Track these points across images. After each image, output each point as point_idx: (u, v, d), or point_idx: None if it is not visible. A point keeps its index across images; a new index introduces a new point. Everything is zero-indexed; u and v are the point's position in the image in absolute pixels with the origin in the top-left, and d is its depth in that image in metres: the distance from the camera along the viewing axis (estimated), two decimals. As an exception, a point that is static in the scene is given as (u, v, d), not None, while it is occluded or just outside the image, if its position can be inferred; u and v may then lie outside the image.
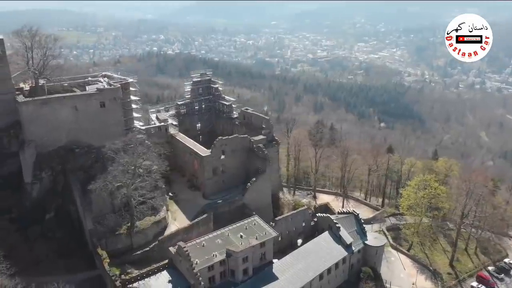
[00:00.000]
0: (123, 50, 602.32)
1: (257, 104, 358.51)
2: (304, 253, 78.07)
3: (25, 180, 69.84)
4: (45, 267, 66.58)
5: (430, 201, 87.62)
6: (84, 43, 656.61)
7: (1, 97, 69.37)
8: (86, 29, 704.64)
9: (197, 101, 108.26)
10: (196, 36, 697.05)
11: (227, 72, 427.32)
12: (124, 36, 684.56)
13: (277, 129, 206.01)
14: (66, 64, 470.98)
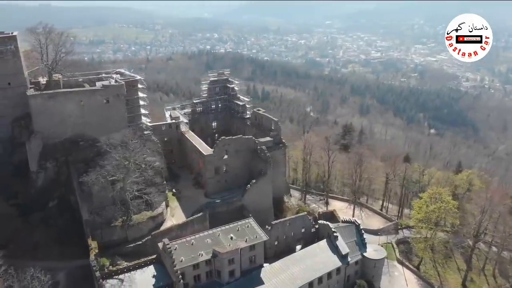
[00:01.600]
0: (178, 48, 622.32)
1: (299, 104, 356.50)
2: (296, 260, 76.34)
3: (31, 168, 74.44)
4: (43, 252, 70.16)
5: (440, 216, 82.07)
6: (142, 39, 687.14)
7: (14, 90, 74.36)
8: (144, 27, 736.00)
9: (214, 100, 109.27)
10: (249, 35, 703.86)
11: (272, 71, 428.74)
12: (180, 34, 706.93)
13: (317, 131, 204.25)
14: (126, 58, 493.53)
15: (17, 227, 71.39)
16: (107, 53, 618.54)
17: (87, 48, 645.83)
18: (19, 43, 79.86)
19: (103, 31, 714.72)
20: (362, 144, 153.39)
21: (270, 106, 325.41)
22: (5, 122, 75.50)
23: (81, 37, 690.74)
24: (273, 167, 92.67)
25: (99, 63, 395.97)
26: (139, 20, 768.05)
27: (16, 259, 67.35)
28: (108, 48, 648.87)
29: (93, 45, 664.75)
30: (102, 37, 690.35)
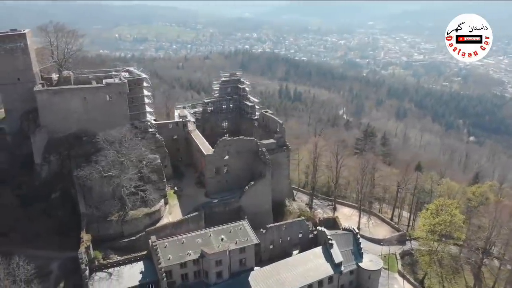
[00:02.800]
0: (217, 47, 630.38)
1: (332, 106, 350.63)
2: (288, 265, 75.38)
3: (35, 161, 77.78)
4: (42, 242, 72.92)
5: (446, 229, 77.85)
6: (183, 38, 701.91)
7: (23, 85, 77.86)
8: (186, 26, 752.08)
9: (225, 100, 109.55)
10: (288, 35, 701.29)
11: (307, 71, 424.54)
12: (220, 33, 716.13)
13: (349, 135, 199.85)
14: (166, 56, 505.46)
15: (19, 217, 74.68)
16: (149, 50, 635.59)
17: (131, 46, 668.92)
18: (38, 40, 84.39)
19: (147, 29, 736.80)
20: (384, 149, 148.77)
21: (300, 107, 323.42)
22: (15, 115, 79.33)
23: (125, 35, 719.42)
24: (276, 169, 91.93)
25: (130, 59, 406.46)
26: (182, 19, 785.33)
27: (16, 247, 71.00)
28: (151, 46, 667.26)
29: (136, 42, 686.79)
30: (146, 35, 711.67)
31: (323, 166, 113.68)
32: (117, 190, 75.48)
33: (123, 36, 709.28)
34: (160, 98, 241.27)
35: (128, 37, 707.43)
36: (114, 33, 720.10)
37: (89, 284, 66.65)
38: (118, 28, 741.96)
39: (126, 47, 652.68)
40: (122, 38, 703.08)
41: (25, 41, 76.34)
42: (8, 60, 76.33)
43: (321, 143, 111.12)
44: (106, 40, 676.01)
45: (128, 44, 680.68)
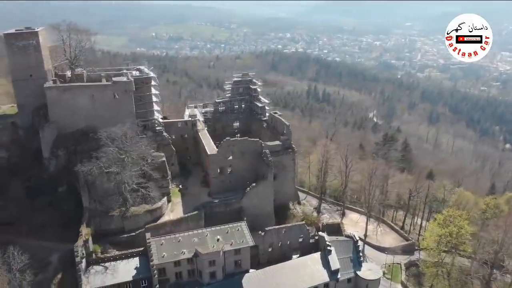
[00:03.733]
0: (250, 47, 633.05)
1: (362, 108, 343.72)
2: (284, 269, 74.64)
3: (44, 155, 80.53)
4: (45, 233, 75.14)
5: (452, 241, 74.34)
6: (217, 37, 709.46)
7: (35, 81, 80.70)
8: (221, 25, 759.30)
9: (236, 100, 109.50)
10: (322, 35, 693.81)
11: (337, 72, 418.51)
12: (253, 33, 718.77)
13: (373, 139, 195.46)
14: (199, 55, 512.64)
15: (26, 208, 77.42)
16: (184, 49, 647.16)
17: (166, 44, 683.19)
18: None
19: (183, 28, 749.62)
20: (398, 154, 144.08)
21: (327, 108, 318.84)
22: (27, 110, 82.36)
23: (161, 33, 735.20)
24: (281, 172, 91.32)
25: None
26: (217, 19, 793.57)
27: (20, 237, 74.00)
28: (186, 45, 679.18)
29: (172, 41, 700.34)
30: (181, 34, 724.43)
31: (335, 170, 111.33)
32: (118, 186, 76.95)
33: (159, 35, 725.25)
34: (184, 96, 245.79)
35: (164, 36, 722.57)
36: (151, 31, 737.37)
37: (85, 276, 68.33)
38: (155, 27, 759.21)
39: (162, 46, 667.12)
40: (159, 37, 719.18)
41: (37, 38, 79.14)
42: (21, 57, 79.39)
43: (333, 146, 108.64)
44: (143, 38, 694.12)
45: (164, 43, 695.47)
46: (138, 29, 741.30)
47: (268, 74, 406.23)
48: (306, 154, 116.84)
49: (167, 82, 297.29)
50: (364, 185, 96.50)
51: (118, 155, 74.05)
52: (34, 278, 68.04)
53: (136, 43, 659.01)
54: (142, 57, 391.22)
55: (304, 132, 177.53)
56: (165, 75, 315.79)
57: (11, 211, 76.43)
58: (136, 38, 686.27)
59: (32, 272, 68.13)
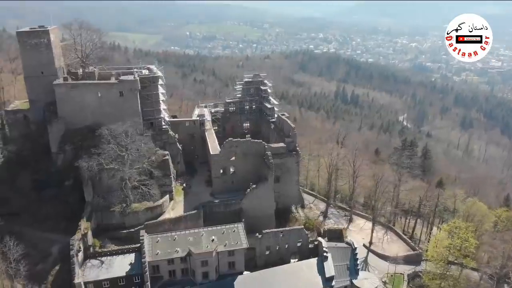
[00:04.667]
0: (281, 47, 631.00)
1: (392, 111, 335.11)
2: (277, 273, 73.88)
3: (52, 150, 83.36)
4: (49, 225, 77.75)
5: (455, 254, 71.05)
6: (250, 37, 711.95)
7: (46, 78, 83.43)
8: (253, 25, 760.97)
9: (247, 101, 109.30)
10: (356, 35, 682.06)
11: (368, 74, 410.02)
12: (286, 33, 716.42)
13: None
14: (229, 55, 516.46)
15: (33, 200, 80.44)
16: (216, 49, 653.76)
17: (199, 43, 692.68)
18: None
19: (216, 28, 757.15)
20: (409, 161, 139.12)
21: (353, 110, 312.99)
22: (39, 106, 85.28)
23: (195, 33, 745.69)
24: (285, 174, 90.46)
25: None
26: (250, 18, 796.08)
27: (25, 227, 77.10)
28: (218, 44, 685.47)
29: (205, 40, 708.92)
30: (214, 34, 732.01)
31: (345, 174, 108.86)
32: (120, 183, 78.46)
33: (193, 34, 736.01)
34: (210, 95, 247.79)
35: (198, 35, 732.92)
36: (186, 30, 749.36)
37: (81, 269, 70.15)
38: (189, 26, 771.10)
39: (195, 45, 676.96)
40: (192, 36, 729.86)
41: (48, 37, 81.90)
42: (33, 54, 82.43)
43: (344, 149, 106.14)
44: (178, 37, 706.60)
45: (197, 42, 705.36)
46: (173, 28, 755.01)
47: (296, 74, 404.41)
48: (319, 156, 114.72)
49: (194, 81, 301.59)
50: (370, 191, 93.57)
51: (118, 152, 75.40)
52: (34, 267, 71.41)
53: (170, 41, 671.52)
54: (172, 56, 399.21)
55: (326, 134, 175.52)
56: (193, 74, 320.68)
57: (19, 202, 79.57)
58: (171, 36, 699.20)
59: (32, 262, 71.44)
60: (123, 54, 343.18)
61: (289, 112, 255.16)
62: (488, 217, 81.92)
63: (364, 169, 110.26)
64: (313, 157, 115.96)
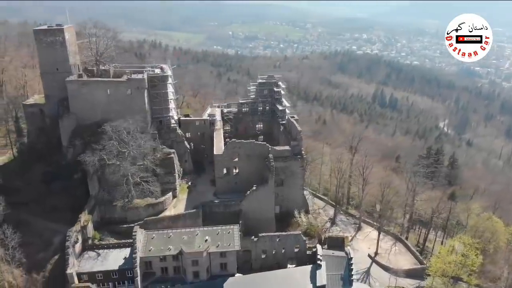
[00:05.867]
0: (323, 47, 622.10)
1: (432, 116, 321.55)
2: (268, 278, 72.89)
3: (63, 143, 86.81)
4: (56, 216, 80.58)
5: (457, 271, 66.90)
6: (291, 37, 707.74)
7: (61, 75, 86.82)
8: (295, 25, 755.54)
9: (260, 102, 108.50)
10: (401, 37, 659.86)
11: (410, 76, 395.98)
12: (328, 33, 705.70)
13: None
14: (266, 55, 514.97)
15: (42, 191, 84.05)
16: (257, 48, 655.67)
17: (241, 43, 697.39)
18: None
19: (258, 28, 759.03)
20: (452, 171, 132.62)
21: (389, 113, 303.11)
22: (54, 101, 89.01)
23: (238, 32, 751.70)
24: (289, 178, 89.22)
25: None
26: (293, 18, 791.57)
27: (33, 216, 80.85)
28: (259, 44, 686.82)
29: (247, 40, 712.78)
30: (256, 33, 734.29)
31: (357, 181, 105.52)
32: (122, 178, 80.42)
33: (235, 33, 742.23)
34: (241, 95, 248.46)
35: (240, 35, 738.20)
36: (228, 30, 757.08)
37: (78, 260, 72.74)
38: (232, 25, 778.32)
39: (237, 45, 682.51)
40: (235, 36, 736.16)
41: (63, 35, 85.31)
42: (49, 51, 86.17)
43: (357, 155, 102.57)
44: (220, 36, 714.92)
45: (239, 42, 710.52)
46: (216, 27, 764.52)
47: (334, 76, 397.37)
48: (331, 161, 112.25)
49: (228, 80, 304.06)
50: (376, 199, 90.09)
51: (119, 148, 77.31)
52: (36, 256, 74.75)
53: (213, 41, 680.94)
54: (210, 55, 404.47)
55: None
56: (228, 74, 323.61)
57: (29, 192, 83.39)
58: (214, 36, 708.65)
59: (35, 251, 74.82)
60: (163, 52, 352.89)
61: (320, 114, 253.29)
62: (499, 234, 76.22)
63: (380, 176, 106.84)
64: (328, 161, 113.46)
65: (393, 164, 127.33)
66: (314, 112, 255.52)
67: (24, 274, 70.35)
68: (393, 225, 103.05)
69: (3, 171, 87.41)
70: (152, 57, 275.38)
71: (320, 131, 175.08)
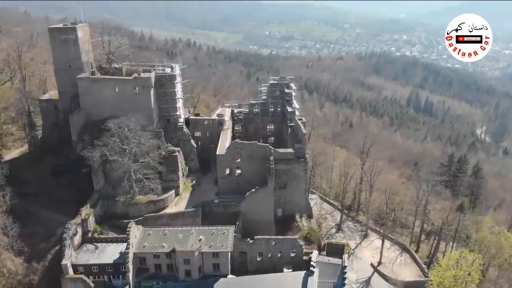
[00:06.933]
0: (361, 48, 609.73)
1: (468, 122, 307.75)
2: (260, 281, 72.48)
3: (72, 138, 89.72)
4: (62, 208, 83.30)
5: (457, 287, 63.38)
6: (328, 37, 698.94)
7: (73, 72, 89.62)
8: (333, 25, 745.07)
9: (272, 103, 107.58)
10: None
11: (447, 80, 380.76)
12: (367, 34, 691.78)
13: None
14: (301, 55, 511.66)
15: (52, 183, 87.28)
16: (293, 48, 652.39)
17: (277, 43, 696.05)
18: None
19: (295, 28, 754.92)
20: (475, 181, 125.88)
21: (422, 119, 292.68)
22: (67, 97, 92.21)
23: (274, 32, 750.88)
24: (292, 181, 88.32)
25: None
26: (331, 19, 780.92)
27: (40, 207, 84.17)
28: (295, 44, 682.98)
29: (283, 40, 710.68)
30: (293, 34, 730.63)
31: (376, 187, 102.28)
32: (124, 175, 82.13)
33: (272, 33, 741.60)
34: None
35: (276, 35, 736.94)
36: (265, 30, 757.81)
37: (76, 252, 74.97)
38: (269, 25, 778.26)
39: (273, 44, 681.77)
40: (271, 36, 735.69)
41: (75, 33, 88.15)
42: (62, 49, 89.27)
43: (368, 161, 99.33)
44: (257, 36, 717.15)
45: (275, 42, 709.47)
46: (254, 27, 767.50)
47: (368, 77, 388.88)
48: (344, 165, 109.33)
49: (257, 80, 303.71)
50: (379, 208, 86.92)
51: (120, 145, 78.97)
52: (38, 246, 77.71)
53: (250, 40, 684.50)
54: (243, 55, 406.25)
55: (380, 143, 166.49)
56: (257, 74, 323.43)
57: (39, 184, 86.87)
58: (251, 36, 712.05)
59: (38, 240, 77.85)
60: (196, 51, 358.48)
61: (347, 116, 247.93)
62: (504, 250, 71.38)
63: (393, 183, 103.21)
64: (338, 165, 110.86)
65: (409, 171, 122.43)
66: (341, 114, 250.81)
67: (25, 263, 73.05)
68: (406, 234, 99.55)
69: (16, 163, 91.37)
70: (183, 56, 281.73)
71: (341, 134, 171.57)
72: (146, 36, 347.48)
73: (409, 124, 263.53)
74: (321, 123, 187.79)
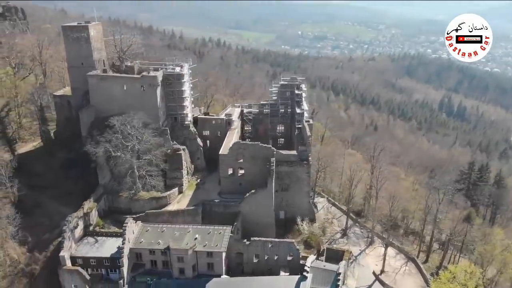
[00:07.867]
0: (395, 49, 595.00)
1: (503, 129, 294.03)
2: (252, 283, 71.50)
3: (82, 133, 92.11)
4: (69, 200, 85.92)
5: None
6: (362, 38, 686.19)
7: (85, 69, 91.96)
8: (368, 25, 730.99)
9: (282, 104, 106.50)
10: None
11: (483, 85, 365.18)
12: (402, 35, 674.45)
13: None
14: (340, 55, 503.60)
15: (61, 176, 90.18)
16: (325, 48, 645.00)
17: (310, 43, 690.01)
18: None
19: (328, 28, 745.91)
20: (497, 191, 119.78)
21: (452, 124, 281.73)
22: (79, 93, 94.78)
23: (307, 32, 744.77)
24: (295, 184, 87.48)
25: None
26: (365, 19, 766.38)
27: (48, 199, 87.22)
28: (328, 44, 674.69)
29: (315, 40, 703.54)
30: (326, 34, 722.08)
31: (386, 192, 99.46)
32: (127, 171, 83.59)
33: (305, 33, 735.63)
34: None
35: (309, 35, 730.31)
36: (298, 30, 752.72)
37: (77, 244, 76.83)
38: (302, 25, 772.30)
39: (306, 44, 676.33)
40: (304, 36, 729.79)
41: (87, 32, 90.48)
42: (75, 47, 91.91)
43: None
44: (290, 36, 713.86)
45: (308, 42, 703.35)
46: (287, 27, 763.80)
47: (400, 79, 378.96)
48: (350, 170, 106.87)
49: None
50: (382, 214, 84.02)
51: (123, 142, 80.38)
52: (42, 236, 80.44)
53: (282, 40, 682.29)
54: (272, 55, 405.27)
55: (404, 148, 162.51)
56: (283, 74, 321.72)
57: (49, 177, 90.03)
58: (284, 36, 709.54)
59: (42, 231, 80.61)
60: (225, 51, 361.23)
61: (373, 118, 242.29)
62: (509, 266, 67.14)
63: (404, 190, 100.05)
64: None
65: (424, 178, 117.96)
66: (367, 116, 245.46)
67: (28, 252, 75.73)
68: (417, 243, 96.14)
69: (28, 156, 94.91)
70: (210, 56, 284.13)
71: (361, 137, 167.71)
72: (177, 35, 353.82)
73: (438, 129, 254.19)
74: (344, 125, 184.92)
